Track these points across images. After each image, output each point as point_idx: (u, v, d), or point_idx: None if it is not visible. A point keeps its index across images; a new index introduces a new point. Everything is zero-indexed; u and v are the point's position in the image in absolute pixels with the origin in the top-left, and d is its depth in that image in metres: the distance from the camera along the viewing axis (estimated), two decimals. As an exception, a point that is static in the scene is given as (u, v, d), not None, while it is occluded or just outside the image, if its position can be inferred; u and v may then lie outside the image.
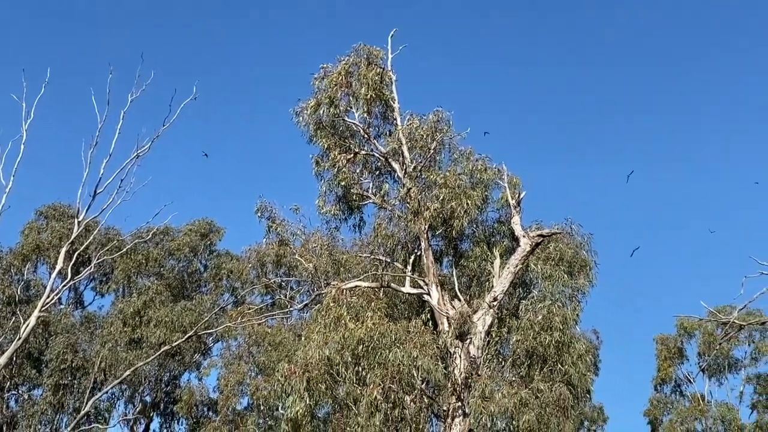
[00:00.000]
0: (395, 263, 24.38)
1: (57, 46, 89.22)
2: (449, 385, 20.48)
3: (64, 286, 15.10)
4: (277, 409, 25.71)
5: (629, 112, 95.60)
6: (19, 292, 34.77)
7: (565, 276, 23.31)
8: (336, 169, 24.16)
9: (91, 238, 16.28)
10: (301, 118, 24.78)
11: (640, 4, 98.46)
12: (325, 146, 24.47)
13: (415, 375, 19.42)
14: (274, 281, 34.68)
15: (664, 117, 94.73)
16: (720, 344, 43.11)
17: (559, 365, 21.40)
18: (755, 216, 79.90)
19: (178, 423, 37.67)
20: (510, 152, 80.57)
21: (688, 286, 71.99)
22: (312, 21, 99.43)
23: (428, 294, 22.72)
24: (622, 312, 69.40)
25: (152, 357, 17.16)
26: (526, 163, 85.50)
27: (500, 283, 22.18)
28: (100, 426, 32.20)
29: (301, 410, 19.52)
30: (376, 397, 18.94)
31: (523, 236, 22.60)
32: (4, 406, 35.59)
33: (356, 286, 22.29)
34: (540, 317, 21.63)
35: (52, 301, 14.24)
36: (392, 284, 23.26)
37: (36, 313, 12.84)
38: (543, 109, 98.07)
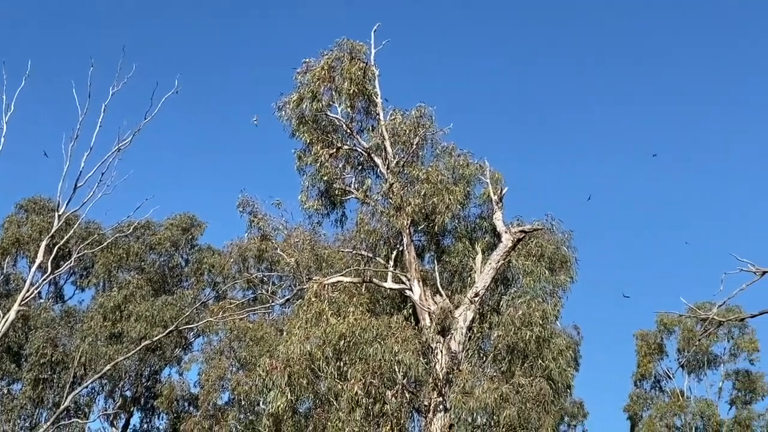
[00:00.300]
0: (377, 258, 24.39)
1: (39, 38, 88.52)
2: (430, 380, 20.49)
3: (44, 279, 15.03)
4: (259, 404, 25.66)
5: (629, 111, 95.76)
6: (-2, 286, 34.55)
7: (546, 272, 23.43)
8: (318, 164, 24.09)
9: (72, 231, 16.25)
10: (283, 113, 24.67)
11: (640, 4, 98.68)
12: (308, 141, 24.39)
13: (397, 370, 19.45)
14: (256, 276, 34.59)
15: (664, 117, 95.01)
16: (699, 340, 43.40)
17: (540, 361, 21.50)
18: (748, 215, 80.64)
19: (158, 418, 37.55)
20: (505, 151, 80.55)
21: (670, 282, 72.45)
22: (298, 17, 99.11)
23: (410, 289, 22.74)
24: (603, 308, 69.77)
25: (133, 352, 17.16)
26: (526, 163, 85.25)
27: (482, 278, 22.24)
28: (80, 421, 32.05)
29: (282, 405, 19.52)
30: (357, 392, 18.95)
31: (505, 232, 22.66)
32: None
33: (338, 282, 22.30)
34: (521, 313, 21.70)
35: (32, 295, 14.16)
36: (374, 279, 23.28)
37: (15, 307, 12.77)
38: (542, 108, 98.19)
